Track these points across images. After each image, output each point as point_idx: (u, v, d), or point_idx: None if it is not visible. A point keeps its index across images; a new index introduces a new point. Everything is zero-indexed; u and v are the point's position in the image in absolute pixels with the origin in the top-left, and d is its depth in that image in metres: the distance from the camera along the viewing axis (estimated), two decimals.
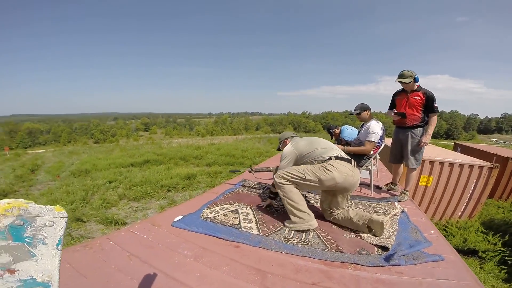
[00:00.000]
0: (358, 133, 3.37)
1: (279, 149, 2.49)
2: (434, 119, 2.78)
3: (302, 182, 1.98)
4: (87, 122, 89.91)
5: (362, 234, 1.93)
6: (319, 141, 2.26)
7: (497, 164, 5.12)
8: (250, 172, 3.01)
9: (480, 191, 5.16)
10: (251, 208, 2.35)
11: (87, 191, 6.04)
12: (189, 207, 2.24)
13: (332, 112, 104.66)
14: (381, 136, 3.00)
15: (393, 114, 2.94)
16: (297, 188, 2.01)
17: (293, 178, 1.99)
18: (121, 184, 6.93)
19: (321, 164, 2.00)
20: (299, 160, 2.19)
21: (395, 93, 3.03)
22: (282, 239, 1.82)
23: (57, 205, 0.59)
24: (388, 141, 3.86)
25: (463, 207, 5.30)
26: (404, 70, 2.72)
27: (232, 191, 2.84)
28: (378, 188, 3.29)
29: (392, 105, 3.05)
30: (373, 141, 2.94)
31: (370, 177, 3.14)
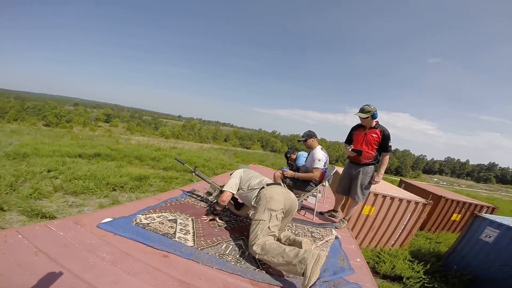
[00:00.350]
0: (305, 160, 3.58)
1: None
2: (387, 159, 2.92)
3: (266, 224, 1.92)
4: (43, 103, 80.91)
5: None
6: (254, 173, 2.49)
7: (431, 201, 5.78)
8: (192, 172, 2.96)
9: (413, 223, 5.76)
10: (192, 219, 2.29)
11: (18, 177, 5.33)
12: (124, 210, 2.09)
13: (299, 136, 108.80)
14: (324, 163, 3.21)
15: (350, 150, 3.01)
16: (269, 235, 1.88)
17: (261, 230, 1.87)
18: (61, 175, 6.26)
19: (260, 193, 2.11)
20: (241, 183, 2.40)
21: (353, 127, 3.12)
22: (216, 254, 1.80)
23: None
24: (339, 170, 4.13)
25: (397, 236, 5.84)
26: (365, 105, 2.80)
27: (177, 199, 2.74)
28: (320, 214, 3.46)
29: (349, 139, 3.13)
30: (318, 168, 3.14)
31: (315, 202, 3.32)
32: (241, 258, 1.83)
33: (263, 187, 2.15)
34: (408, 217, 5.71)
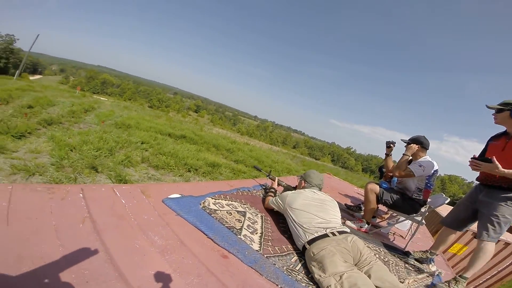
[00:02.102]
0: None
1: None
2: None
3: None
4: (151, 88, 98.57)
5: None
6: (322, 209, 1.79)
7: None
8: (267, 176, 2.70)
9: (509, 271, 4.92)
10: (262, 217, 1.94)
11: (118, 144, 6.21)
12: (195, 188, 1.91)
13: (378, 157, 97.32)
14: (428, 177, 2.50)
15: (471, 159, 1.97)
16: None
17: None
18: (150, 148, 7.06)
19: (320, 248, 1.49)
20: (293, 211, 1.79)
21: (492, 136, 2.15)
22: (284, 267, 1.43)
23: None
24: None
25: (481, 282, 5.08)
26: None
27: (249, 190, 2.45)
28: (405, 254, 2.49)
29: (482, 154, 2.13)
30: (411, 171, 2.47)
31: (416, 229, 2.60)
32: (314, 282, 1.41)
33: (326, 236, 1.54)
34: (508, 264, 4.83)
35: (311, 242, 1.55)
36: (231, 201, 1.97)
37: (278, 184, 2.57)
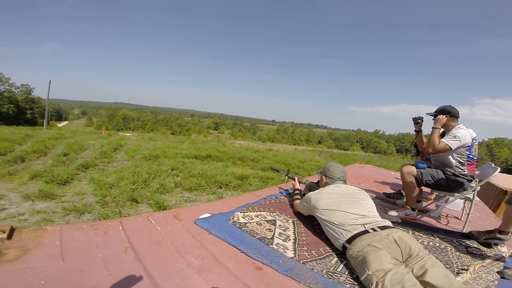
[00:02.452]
0: None
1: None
2: None
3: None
4: (169, 115, 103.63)
5: None
6: (353, 203, 1.68)
7: None
8: (286, 175, 2.68)
9: None
10: (294, 222, 1.94)
11: (151, 175, 6.60)
12: (224, 205, 2.00)
13: (410, 134, 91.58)
14: (468, 148, 2.30)
15: None
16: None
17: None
18: (181, 173, 7.39)
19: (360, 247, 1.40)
20: (314, 215, 1.79)
21: None
22: (324, 271, 1.40)
23: None
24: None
25: None
26: None
27: (276, 197, 2.47)
28: (465, 237, 2.21)
29: None
30: (446, 144, 2.27)
31: (470, 207, 2.36)
32: (359, 282, 1.34)
33: (366, 233, 1.45)
34: None
35: (350, 240, 1.47)
36: (260, 211, 2.00)
37: (299, 182, 2.52)
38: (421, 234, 2.09)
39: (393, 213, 2.55)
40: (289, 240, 1.67)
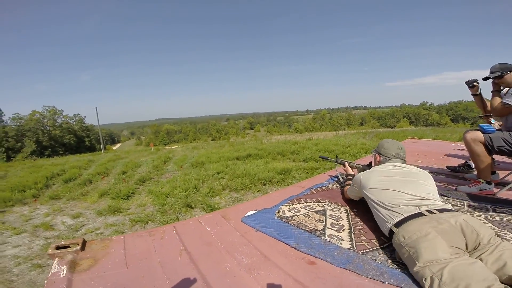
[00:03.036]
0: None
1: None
2: None
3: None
4: (206, 123, 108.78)
5: None
6: (408, 183, 1.45)
7: None
8: (335, 162, 2.52)
9: None
10: (346, 210, 1.80)
11: (199, 180, 6.96)
12: (268, 200, 1.97)
13: (464, 102, 79.90)
14: None
15: None
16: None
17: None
18: (226, 176, 7.65)
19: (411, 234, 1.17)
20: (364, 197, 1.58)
21: None
22: (389, 261, 1.25)
23: None
24: None
25: None
26: None
27: (323, 185, 2.33)
28: None
29: None
30: (506, 103, 1.98)
31: None
32: None
33: (421, 215, 1.21)
34: None
35: (399, 224, 1.25)
36: (306, 202, 1.92)
37: (351, 167, 2.33)
38: (504, 211, 1.76)
39: (464, 188, 2.21)
40: (343, 230, 1.55)
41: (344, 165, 2.36)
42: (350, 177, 2.11)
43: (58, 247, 1.33)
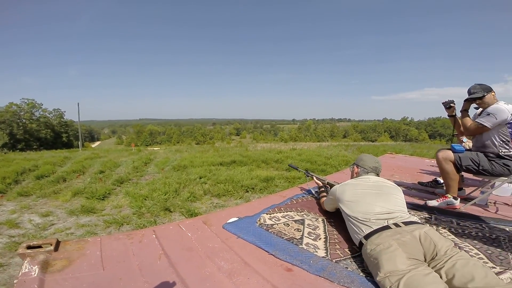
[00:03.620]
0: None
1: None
2: None
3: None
4: (192, 126, 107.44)
5: None
6: (380, 196, 1.56)
7: None
8: (306, 175, 2.62)
9: None
10: (323, 220, 1.89)
11: (181, 184, 6.83)
12: (250, 208, 2.02)
13: (441, 118, 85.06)
14: (510, 125, 2.07)
15: None
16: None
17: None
18: (208, 181, 7.56)
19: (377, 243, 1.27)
20: (346, 204, 1.63)
21: None
22: (360, 269, 1.35)
23: None
24: None
25: None
26: None
27: (303, 196, 2.44)
28: None
29: None
30: (482, 124, 2.10)
31: None
32: None
33: (387, 228, 1.31)
34: None
35: (368, 236, 1.34)
36: (286, 212, 1.99)
37: (322, 183, 2.41)
38: (467, 225, 1.92)
39: (432, 203, 2.38)
40: (319, 239, 1.63)
41: (313, 178, 2.47)
42: (324, 189, 2.22)
43: (29, 247, 1.29)
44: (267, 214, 1.91)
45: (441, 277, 1.08)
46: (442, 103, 2.57)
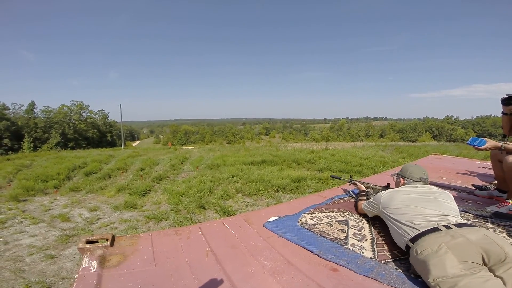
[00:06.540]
0: None
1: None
2: None
3: None
4: (223, 126, 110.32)
5: None
6: (431, 200, 1.44)
7: None
8: (349, 182, 2.46)
9: None
10: (369, 221, 1.80)
11: (214, 182, 7.04)
12: (289, 208, 1.99)
13: (492, 117, 75.96)
14: None
15: None
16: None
17: None
18: (240, 180, 7.69)
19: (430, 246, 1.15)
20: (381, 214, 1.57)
21: None
22: (410, 271, 1.25)
23: None
24: None
25: None
26: None
27: (345, 197, 2.34)
28: None
29: None
30: None
31: None
32: None
33: (437, 230, 1.19)
34: None
35: (415, 239, 1.24)
36: (328, 212, 1.92)
37: (366, 187, 2.27)
38: None
39: (492, 209, 2.12)
40: (365, 240, 1.54)
41: (356, 185, 2.33)
42: (364, 193, 2.11)
43: (88, 242, 1.35)
44: (308, 214, 1.86)
45: (505, 284, 0.94)
46: (501, 99, 2.31)
